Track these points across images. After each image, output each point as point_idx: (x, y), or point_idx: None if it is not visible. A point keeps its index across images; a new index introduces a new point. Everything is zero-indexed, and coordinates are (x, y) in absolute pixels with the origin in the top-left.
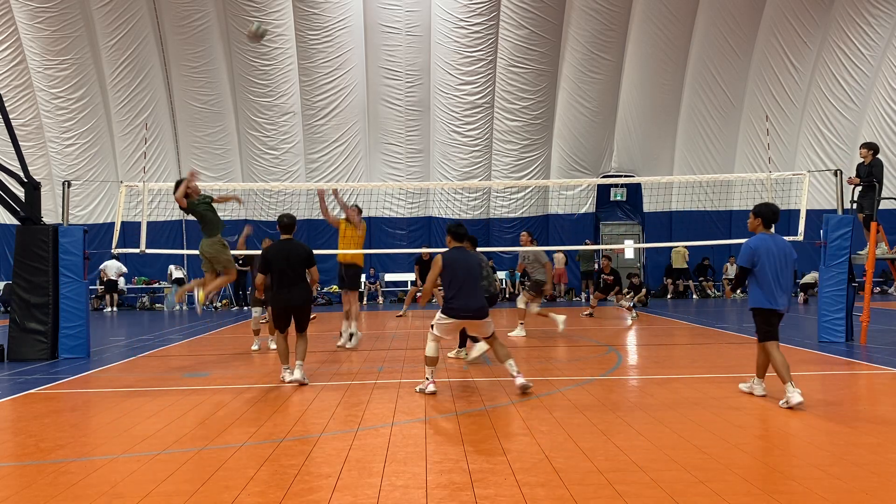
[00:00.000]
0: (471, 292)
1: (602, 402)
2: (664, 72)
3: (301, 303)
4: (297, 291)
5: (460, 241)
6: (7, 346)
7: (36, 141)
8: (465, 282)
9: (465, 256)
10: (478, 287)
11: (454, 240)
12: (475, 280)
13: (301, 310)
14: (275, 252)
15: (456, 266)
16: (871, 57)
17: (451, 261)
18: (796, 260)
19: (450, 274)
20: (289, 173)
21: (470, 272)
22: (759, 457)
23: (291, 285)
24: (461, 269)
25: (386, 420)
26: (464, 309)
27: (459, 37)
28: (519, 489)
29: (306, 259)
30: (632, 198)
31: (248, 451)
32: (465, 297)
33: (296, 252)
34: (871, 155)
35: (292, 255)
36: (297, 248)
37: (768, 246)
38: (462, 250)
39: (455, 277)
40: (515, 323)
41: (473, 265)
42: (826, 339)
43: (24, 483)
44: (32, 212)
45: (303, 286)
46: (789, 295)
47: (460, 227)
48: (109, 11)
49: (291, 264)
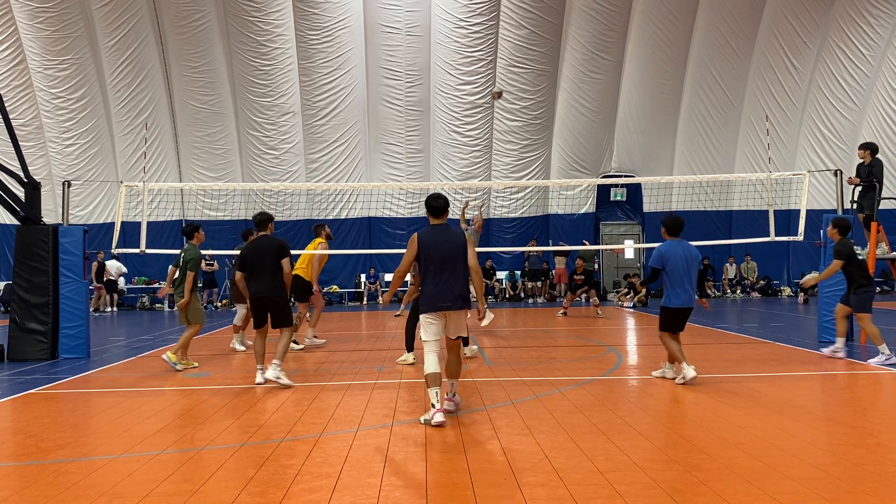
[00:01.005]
0: (451, 277)
1: (602, 402)
2: (664, 72)
3: (270, 293)
4: (266, 282)
5: (438, 216)
6: (7, 346)
7: (36, 141)
8: (444, 265)
9: (445, 234)
10: (458, 271)
11: (432, 215)
12: (455, 263)
13: (273, 302)
14: (249, 248)
15: (431, 247)
16: (871, 57)
17: (426, 240)
18: (701, 261)
19: (424, 257)
20: (289, 173)
21: (448, 253)
22: (759, 457)
23: (261, 276)
24: (437, 249)
25: (386, 420)
26: (441, 297)
27: (459, 37)
28: (519, 489)
29: (276, 251)
30: (632, 198)
31: (248, 451)
32: (444, 283)
33: (268, 245)
34: (870, 155)
35: (264, 249)
36: (270, 242)
37: (675, 251)
38: (441, 227)
39: (430, 261)
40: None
41: (454, 244)
42: (826, 339)
43: (24, 483)
44: (32, 212)
45: (275, 278)
46: (694, 291)
47: (438, 199)
48: (109, 11)
49: (263, 257)
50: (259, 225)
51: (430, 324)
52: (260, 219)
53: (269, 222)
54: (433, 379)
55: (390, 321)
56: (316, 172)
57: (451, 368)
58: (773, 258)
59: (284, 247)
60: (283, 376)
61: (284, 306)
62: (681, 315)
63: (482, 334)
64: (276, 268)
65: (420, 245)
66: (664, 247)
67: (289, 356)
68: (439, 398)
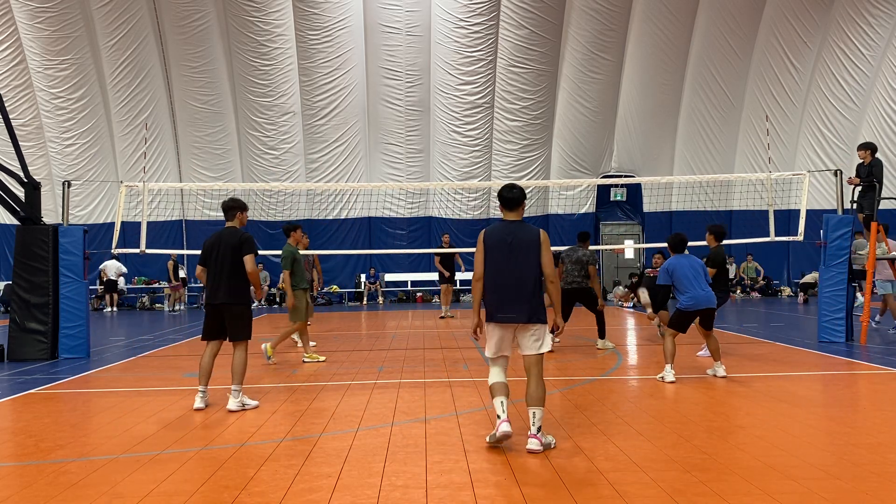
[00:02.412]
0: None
1: (602, 402)
2: (664, 72)
3: (225, 300)
4: (221, 287)
5: (512, 208)
6: (7, 346)
7: (36, 141)
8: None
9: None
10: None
11: (505, 208)
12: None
13: (228, 310)
14: (207, 241)
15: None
16: (871, 57)
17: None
18: (704, 267)
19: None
20: (289, 173)
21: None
22: (759, 457)
23: (217, 279)
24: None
25: (386, 420)
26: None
27: (459, 37)
28: (519, 489)
29: (235, 247)
30: (632, 198)
31: (248, 451)
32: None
33: (226, 240)
34: (870, 155)
35: (222, 244)
36: (230, 236)
37: (680, 262)
38: (514, 224)
39: (493, 261)
40: None
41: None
42: (826, 339)
43: (24, 483)
44: (32, 212)
45: (232, 281)
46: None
47: (513, 189)
48: (109, 11)
49: (220, 254)
50: (225, 213)
51: (492, 335)
52: (226, 205)
53: (238, 211)
54: (498, 389)
55: (390, 321)
56: (316, 172)
57: (531, 392)
58: (773, 258)
59: (247, 241)
60: (247, 400)
61: (242, 315)
62: (692, 316)
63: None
64: (235, 267)
65: (486, 242)
66: (668, 263)
67: (289, 356)
68: (504, 408)
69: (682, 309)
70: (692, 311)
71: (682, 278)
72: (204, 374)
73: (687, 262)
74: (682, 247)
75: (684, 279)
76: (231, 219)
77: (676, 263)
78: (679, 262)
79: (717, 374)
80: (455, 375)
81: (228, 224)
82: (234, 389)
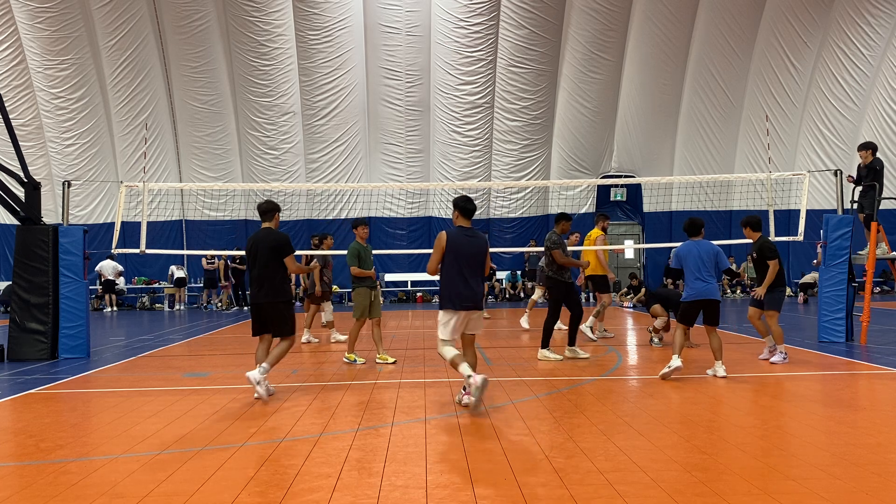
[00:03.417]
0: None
1: (602, 402)
2: (664, 72)
3: (265, 299)
4: (261, 287)
5: (469, 217)
6: (7, 346)
7: (36, 141)
8: (470, 267)
9: (473, 237)
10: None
11: (463, 216)
12: (480, 265)
13: (269, 308)
14: (248, 242)
15: (460, 247)
16: (871, 57)
17: (455, 240)
18: (717, 253)
19: (452, 257)
20: (289, 173)
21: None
22: (759, 457)
23: (257, 279)
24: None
25: (386, 420)
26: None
27: (459, 37)
28: (519, 489)
29: (273, 249)
30: (632, 198)
31: (248, 451)
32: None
33: (264, 241)
34: (871, 154)
35: (260, 245)
36: (267, 237)
37: (690, 249)
38: (470, 230)
39: (457, 261)
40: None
41: (480, 248)
42: (826, 339)
43: (24, 483)
44: (32, 212)
45: (271, 282)
46: (710, 285)
47: (470, 202)
48: (109, 11)
49: (258, 255)
50: (262, 215)
51: (450, 322)
52: (263, 208)
53: (276, 212)
54: (461, 358)
55: (389, 321)
56: (316, 172)
57: (471, 361)
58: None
59: (285, 243)
60: (262, 382)
61: (284, 313)
62: (695, 308)
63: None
64: (273, 268)
65: (449, 244)
66: (680, 247)
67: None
68: (472, 369)
69: (684, 300)
70: (693, 303)
71: (687, 266)
72: (257, 359)
73: (696, 249)
74: (695, 231)
75: (688, 269)
76: (269, 220)
77: (687, 249)
78: (689, 249)
79: (717, 374)
80: (455, 375)
81: (265, 225)
82: (264, 366)
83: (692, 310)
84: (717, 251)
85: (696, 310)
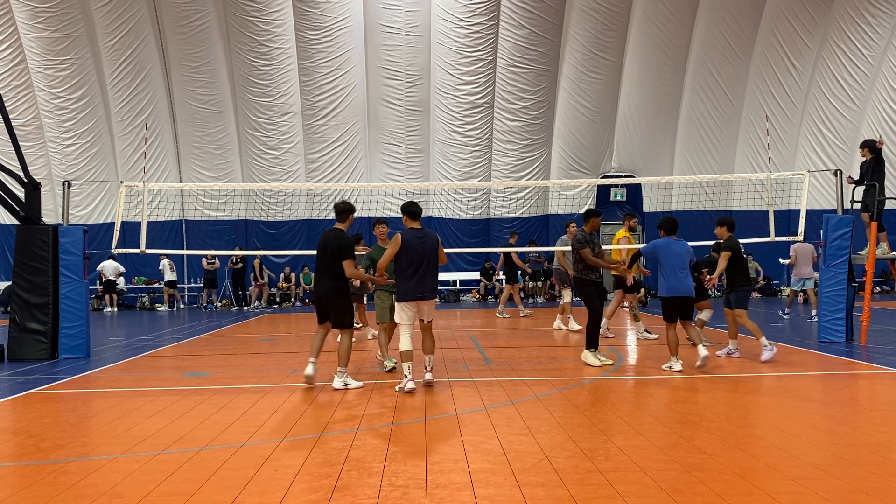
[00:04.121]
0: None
1: (602, 402)
2: (664, 72)
3: (326, 293)
4: (323, 281)
5: (417, 219)
6: (7, 346)
7: (36, 141)
8: (423, 262)
9: (424, 235)
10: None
11: (410, 219)
12: (431, 260)
13: (330, 300)
14: (321, 237)
15: (414, 246)
16: (871, 57)
17: (409, 240)
18: (692, 251)
19: (407, 254)
20: (289, 173)
21: (426, 251)
22: (759, 457)
23: (321, 273)
24: (418, 248)
25: (386, 420)
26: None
27: (459, 37)
28: (519, 489)
29: (335, 251)
30: (632, 198)
31: (248, 451)
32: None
33: (331, 241)
34: (870, 153)
35: (328, 244)
36: (335, 238)
37: (669, 245)
38: (420, 229)
39: (412, 258)
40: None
41: (430, 244)
42: (826, 339)
43: (24, 483)
44: (32, 212)
45: (332, 277)
46: (688, 280)
47: (416, 205)
48: (109, 11)
49: (324, 252)
50: (337, 215)
51: (407, 310)
52: (338, 209)
53: (349, 214)
54: (407, 356)
55: None
56: (316, 172)
57: (427, 345)
58: (774, 258)
59: (346, 248)
60: (350, 381)
61: (342, 307)
62: (676, 304)
63: (481, 336)
64: (335, 266)
65: (404, 244)
66: (659, 241)
67: (291, 355)
68: (411, 371)
69: (664, 296)
70: (674, 299)
71: (665, 263)
72: (314, 349)
73: (676, 247)
74: (673, 229)
75: (668, 265)
76: (342, 221)
77: (666, 244)
78: (668, 244)
79: (672, 369)
80: (455, 375)
81: (337, 225)
82: (339, 370)
83: (673, 306)
84: (691, 249)
85: (676, 305)
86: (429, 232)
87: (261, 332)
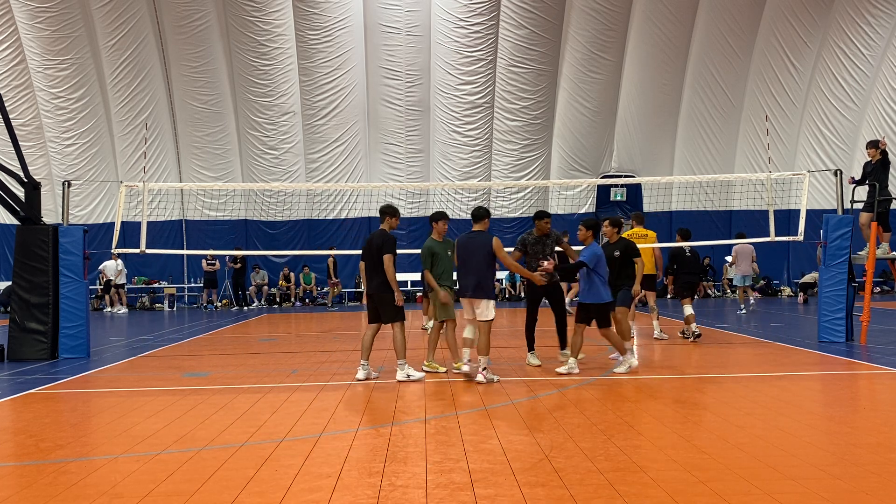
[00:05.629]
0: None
1: (602, 401)
2: (664, 72)
3: (376, 290)
4: (372, 279)
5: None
6: (7, 346)
7: (36, 141)
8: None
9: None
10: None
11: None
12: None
13: (379, 298)
14: (368, 238)
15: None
16: (871, 57)
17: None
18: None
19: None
20: (289, 173)
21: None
22: (759, 457)
23: (370, 272)
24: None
25: (386, 420)
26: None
27: (459, 37)
28: (519, 489)
29: (378, 248)
30: (632, 198)
31: (248, 451)
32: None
33: (375, 241)
34: (878, 152)
35: (373, 243)
36: (378, 237)
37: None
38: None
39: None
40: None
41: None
42: (826, 339)
43: (24, 483)
44: (32, 212)
45: (380, 275)
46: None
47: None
48: (109, 11)
49: (370, 252)
50: (380, 215)
51: (463, 303)
52: (381, 210)
53: (388, 216)
54: (464, 342)
55: None
56: (316, 172)
57: (477, 342)
58: (773, 258)
59: (387, 243)
60: (412, 371)
61: (390, 302)
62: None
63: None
64: (381, 264)
65: (457, 245)
66: (598, 248)
67: (292, 356)
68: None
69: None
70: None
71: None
72: (364, 350)
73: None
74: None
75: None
76: (383, 221)
77: (601, 251)
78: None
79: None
80: (455, 375)
81: (382, 226)
82: (399, 363)
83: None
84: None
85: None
86: (480, 234)
87: (260, 332)
